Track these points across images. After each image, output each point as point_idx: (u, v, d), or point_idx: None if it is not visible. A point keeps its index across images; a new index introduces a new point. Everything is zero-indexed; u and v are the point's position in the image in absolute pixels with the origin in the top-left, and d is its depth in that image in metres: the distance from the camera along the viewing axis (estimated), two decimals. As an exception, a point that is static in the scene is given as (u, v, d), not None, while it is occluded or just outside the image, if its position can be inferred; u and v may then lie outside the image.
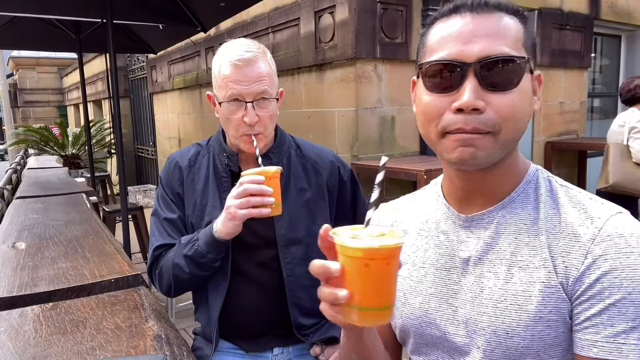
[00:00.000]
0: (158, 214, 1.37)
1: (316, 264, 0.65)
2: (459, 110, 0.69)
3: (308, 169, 1.38)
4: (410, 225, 0.90)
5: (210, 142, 1.42)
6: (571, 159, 5.08)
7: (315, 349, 1.37)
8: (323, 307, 0.66)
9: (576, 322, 0.69)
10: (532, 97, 0.74)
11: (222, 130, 1.38)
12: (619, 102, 5.84)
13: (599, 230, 0.69)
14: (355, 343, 0.79)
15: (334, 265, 0.63)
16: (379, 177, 0.68)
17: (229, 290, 1.30)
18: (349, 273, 0.62)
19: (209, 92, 1.34)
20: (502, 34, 0.70)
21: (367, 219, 0.67)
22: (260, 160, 1.24)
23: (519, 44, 0.71)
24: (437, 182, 0.90)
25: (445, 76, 0.71)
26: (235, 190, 1.18)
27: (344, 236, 0.63)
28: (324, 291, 0.65)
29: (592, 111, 5.75)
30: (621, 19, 5.38)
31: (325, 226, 0.65)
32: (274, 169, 1.19)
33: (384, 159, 0.69)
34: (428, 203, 0.89)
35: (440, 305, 0.81)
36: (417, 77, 0.77)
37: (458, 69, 0.69)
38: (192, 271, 1.26)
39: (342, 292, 0.62)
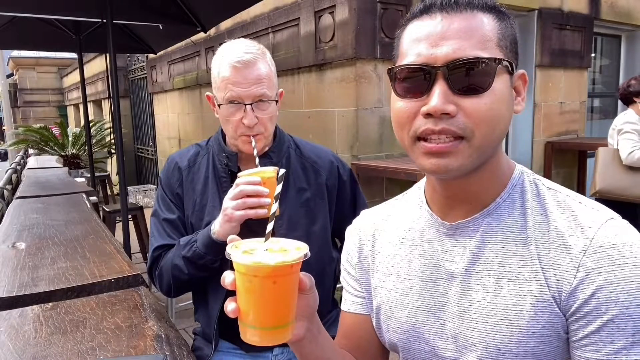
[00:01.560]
0: (158, 215, 1.38)
1: (224, 274, 0.65)
2: (429, 115, 0.66)
3: (307, 168, 1.38)
4: (393, 234, 0.86)
5: (209, 143, 1.42)
6: (571, 159, 5.08)
7: (315, 349, 1.37)
8: None
9: (574, 339, 0.67)
10: (510, 99, 0.69)
11: (222, 130, 1.38)
12: (619, 102, 5.87)
13: (590, 241, 0.66)
14: (299, 355, 0.77)
15: (228, 277, 0.62)
16: (278, 189, 0.69)
17: (229, 290, 1.30)
18: (238, 288, 0.61)
19: (208, 93, 1.34)
20: (472, 34, 0.66)
21: (267, 231, 0.66)
22: (257, 160, 1.24)
23: (491, 44, 0.67)
24: (419, 187, 0.86)
25: (415, 81, 0.68)
26: (231, 192, 1.18)
27: (240, 249, 0.61)
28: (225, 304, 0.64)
29: (592, 111, 5.75)
30: (621, 19, 5.38)
31: (230, 237, 0.65)
32: (271, 169, 1.19)
33: (282, 171, 0.72)
34: (411, 210, 0.85)
35: (427, 318, 0.78)
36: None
37: (426, 74, 0.67)
38: (191, 272, 1.26)
39: (230, 306, 0.61)
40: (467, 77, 0.65)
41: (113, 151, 7.97)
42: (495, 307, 0.70)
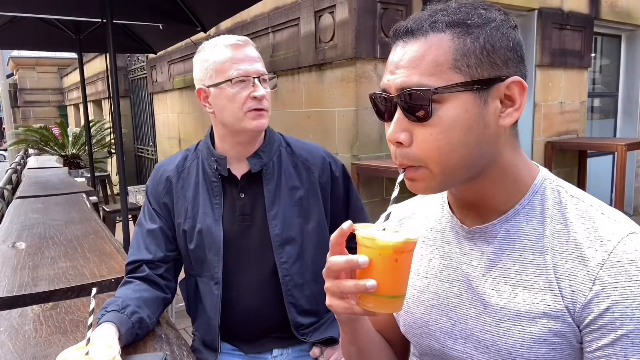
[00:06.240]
0: (141, 225, 1.34)
1: (340, 260, 0.66)
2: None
3: (299, 166, 1.36)
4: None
5: (198, 147, 1.39)
6: (571, 159, 5.08)
7: (315, 351, 1.37)
8: (333, 301, 0.69)
9: (588, 350, 0.67)
10: (475, 122, 0.67)
11: (210, 134, 1.36)
12: (619, 102, 5.87)
13: (609, 255, 0.65)
14: (352, 335, 0.81)
15: (361, 259, 0.65)
16: (401, 176, 0.70)
17: (226, 294, 1.29)
18: (375, 265, 0.66)
19: (199, 87, 1.30)
20: (420, 62, 0.66)
21: (387, 213, 0.70)
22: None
23: (442, 68, 0.65)
24: None
25: (384, 107, 0.71)
26: None
27: (372, 231, 0.67)
28: (345, 285, 0.66)
29: (592, 111, 5.75)
30: (621, 19, 5.37)
31: (349, 222, 0.67)
32: None
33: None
34: (434, 209, 0.87)
35: (440, 317, 0.80)
36: None
37: (388, 101, 0.69)
38: None
39: (370, 282, 0.64)
40: (412, 106, 0.67)
41: (113, 151, 7.97)
42: (509, 313, 0.71)
